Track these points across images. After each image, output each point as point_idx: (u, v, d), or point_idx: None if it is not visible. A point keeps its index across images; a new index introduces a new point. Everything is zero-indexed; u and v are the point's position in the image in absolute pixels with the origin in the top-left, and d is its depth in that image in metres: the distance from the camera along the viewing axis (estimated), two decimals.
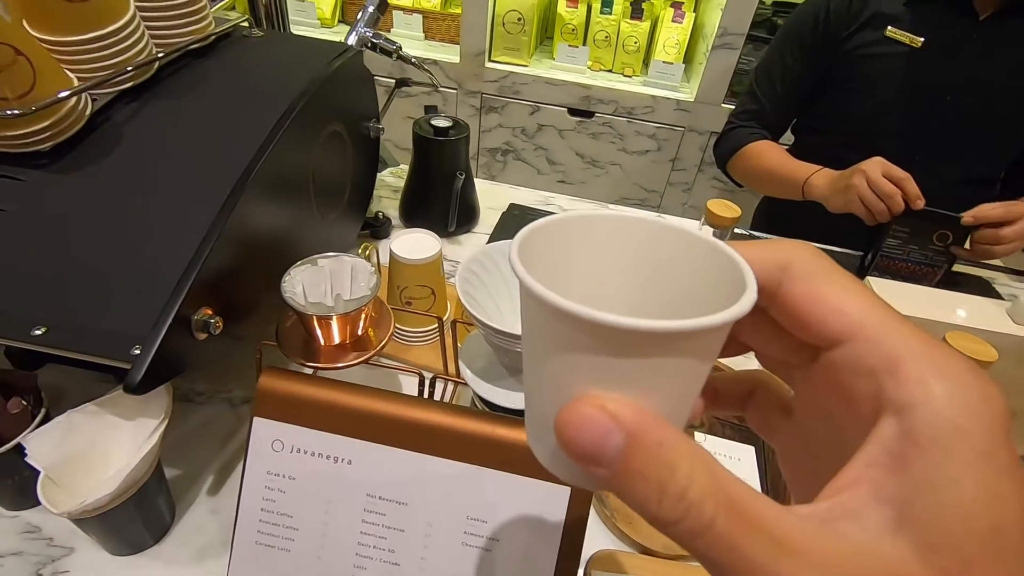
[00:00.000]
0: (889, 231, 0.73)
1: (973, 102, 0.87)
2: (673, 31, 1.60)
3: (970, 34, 0.85)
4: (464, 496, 0.41)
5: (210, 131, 0.48)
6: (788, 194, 0.91)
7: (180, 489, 0.52)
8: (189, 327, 0.40)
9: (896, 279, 0.73)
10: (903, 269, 0.73)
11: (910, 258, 0.73)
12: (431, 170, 0.84)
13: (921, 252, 0.72)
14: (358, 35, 0.68)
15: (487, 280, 0.48)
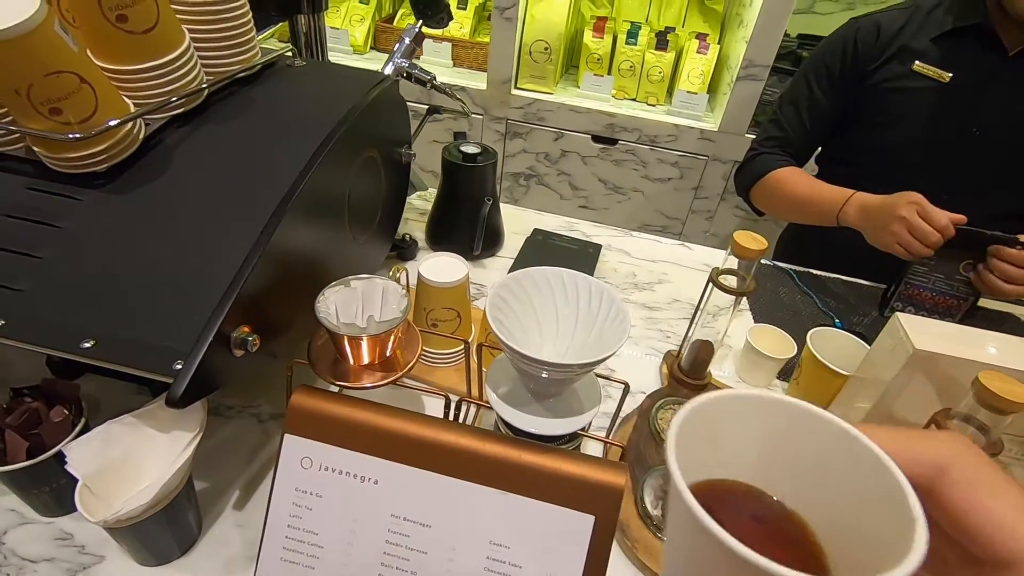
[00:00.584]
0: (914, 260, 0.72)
1: (1002, 137, 0.86)
2: (698, 62, 1.62)
3: (999, 70, 0.85)
4: (488, 520, 0.41)
5: (254, 156, 0.50)
6: (820, 220, 0.90)
7: (207, 502, 0.53)
8: (228, 344, 0.41)
9: (920, 310, 0.72)
10: (928, 300, 0.72)
11: (935, 287, 0.72)
12: (459, 195, 0.86)
13: (947, 282, 0.71)
14: (395, 65, 0.71)
15: (515, 305, 0.49)
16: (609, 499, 0.40)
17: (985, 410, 0.46)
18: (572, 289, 0.50)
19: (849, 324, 0.86)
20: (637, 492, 0.56)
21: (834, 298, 0.92)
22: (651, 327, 0.82)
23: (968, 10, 0.86)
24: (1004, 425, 0.47)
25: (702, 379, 0.70)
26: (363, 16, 1.79)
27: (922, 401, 0.53)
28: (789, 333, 0.72)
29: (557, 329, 0.51)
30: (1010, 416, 0.45)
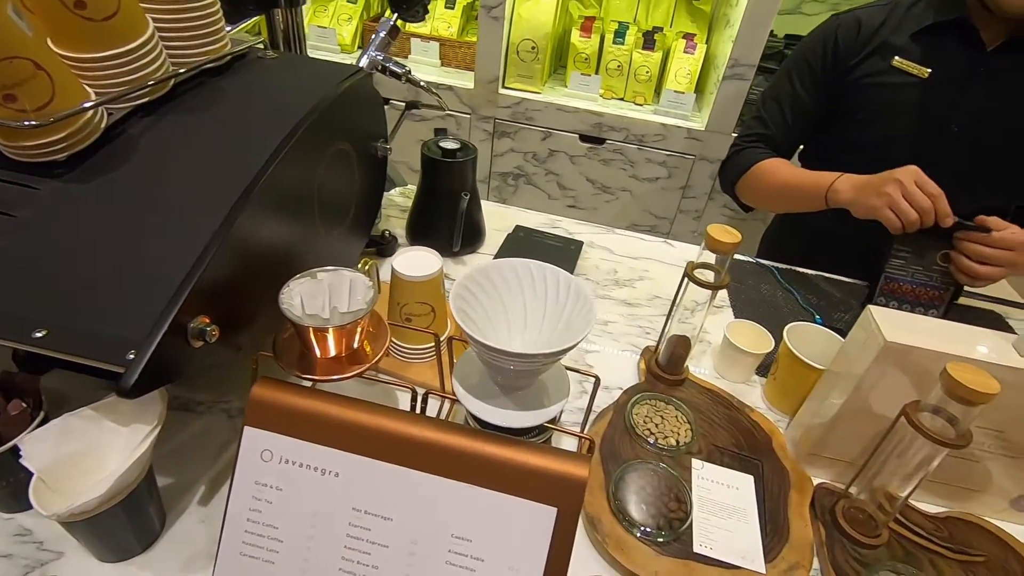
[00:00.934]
0: (891, 251, 0.72)
1: (982, 134, 0.87)
2: (685, 62, 1.62)
3: (978, 66, 0.85)
4: (450, 513, 0.41)
5: (219, 146, 0.50)
6: (808, 205, 0.88)
7: (172, 498, 0.52)
8: (185, 334, 0.41)
9: (903, 303, 0.72)
10: (909, 293, 0.72)
11: (915, 280, 0.71)
12: (438, 191, 0.85)
13: (926, 273, 0.71)
14: (369, 58, 0.70)
15: (483, 298, 0.49)
16: (572, 491, 0.40)
17: (954, 402, 0.46)
18: (540, 281, 0.49)
19: (830, 320, 0.86)
20: (609, 487, 0.56)
21: (815, 294, 0.92)
22: (631, 323, 0.81)
23: (948, 5, 0.86)
24: (973, 416, 0.46)
25: (679, 374, 0.70)
26: (351, 15, 1.78)
27: (895, 393, 0.53)
28: (771, 329, 0.72)
29: (525, 322, 0.50)
30: (978, 407, 0.45)
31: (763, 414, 0.68)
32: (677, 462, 0.60)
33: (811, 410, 0.62)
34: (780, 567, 0.52)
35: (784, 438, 0.65)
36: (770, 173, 0.97)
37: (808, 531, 0.55)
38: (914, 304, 0.71)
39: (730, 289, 0.91)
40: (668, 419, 0.64)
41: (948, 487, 0.60)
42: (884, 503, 0.54)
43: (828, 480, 0.61)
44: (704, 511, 0.55)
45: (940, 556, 0.55)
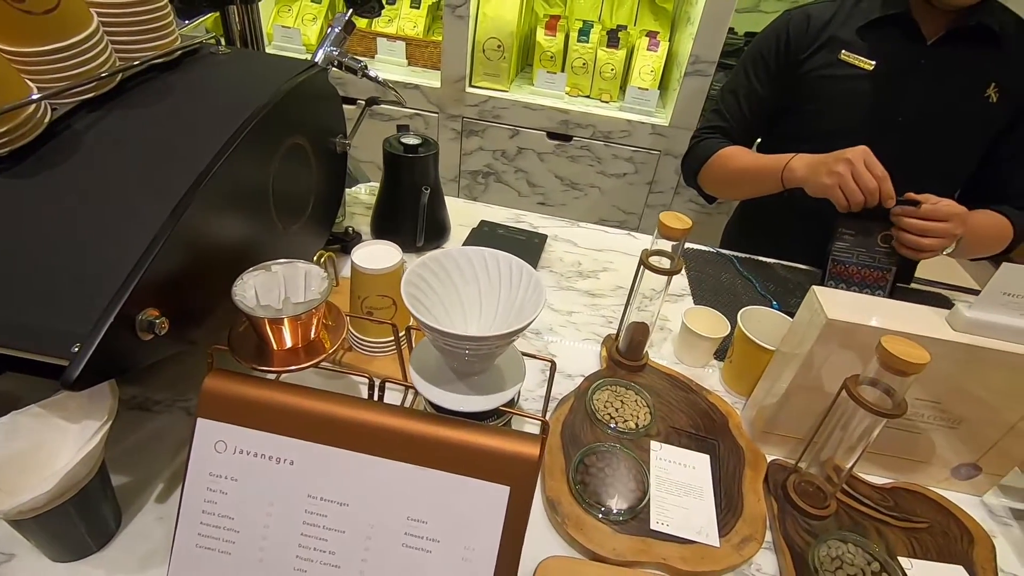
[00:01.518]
0: (837, 234, 0.75)
1: (924, 123, 0.90)
2: (648, 59, 1.65)
3: (919, 59, 0.89)
4: (405, 497, 0.41)
5: (167, 140, 0.49)
6: (766, 188, 0.91)
7: (128, 496, 0.51)
8: (133, 327, 0.40)
9: (851, 286, 0.75)
10: (855, 275, 0.75)
11: (860, 261, 0.74)
12: (401, 186, 0.85)
13: (869, 255, 0.74)
14: (324, 53, 0.70)
15: (437, 287, 0.49)
16: (524, 469, 0.41)
17: (889, 373, 0.48)
18: (494, 268, 0.50)
19: (786, 306, 0.88)
20: (569, 470, 0.57)
21: (773, 281, 0.95)
22: (594, 313, 0.83)
23: (889, 1, 0.90)
24: (907, 386, 0.49)
25: (639, 360, 0.71)
26: (315, 15, 1.77)
27: (839, 369, 0.55)
28: (730, 317, 0.74)
29: (481, 309, 0.51)
30: (911, 377, 0.47)
31: (721, 396, 0.70)
32: (636, 444, 0.61)
33: (764, 390, 0.64)
34: (733, 540, 0.53)
35: (740, 418, 0.67)
36: (729, 159, 0.99)
37: (761, 506, 0.57)
38: (860, 286, 0.74)
39: (691, 278, 0.93)
40: (628, 403, 0.66)
41: (895, 459, 0.62)
42: (832, 475, 0.57)
43: (781, 457, 0.63)
44: (661, 490, 0.57)
45: (886, 524, 0.57)
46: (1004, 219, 0.91)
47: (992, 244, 0.93)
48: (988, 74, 0.88)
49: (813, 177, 0.81)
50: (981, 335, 0.53)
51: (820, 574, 0.51)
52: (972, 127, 0.91)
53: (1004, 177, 0.94)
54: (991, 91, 0.88)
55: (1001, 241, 0.92)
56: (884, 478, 0.63)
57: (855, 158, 0.75)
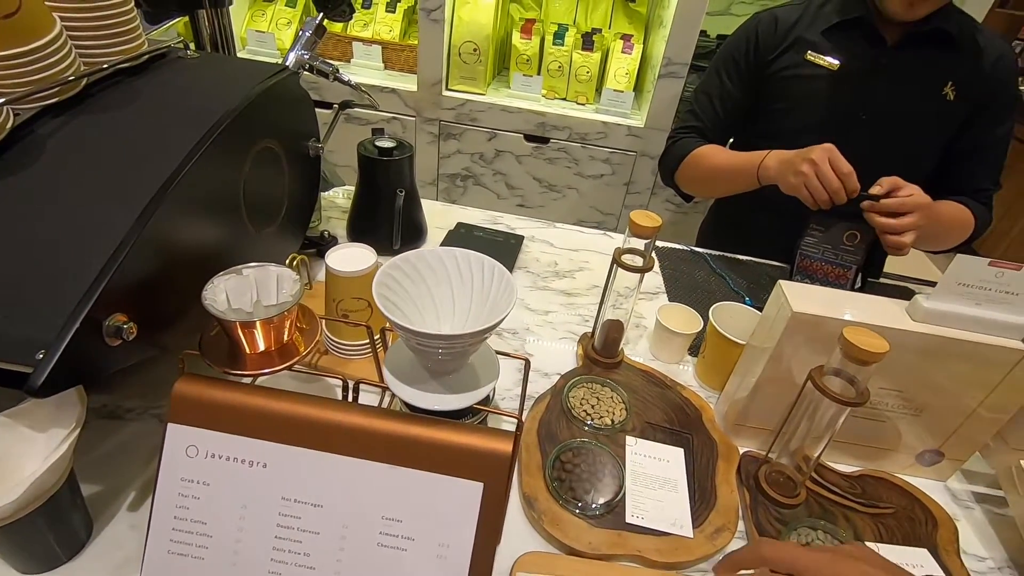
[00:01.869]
0: (807, 230, 0.77)
1: (886, 123, 0.93)
2: (623, 61, 1.67)
3: (880, 60, 0.92)
4: (379, 496, 0.41)
5: (134, 144, 0.49)
6: (743, 185, 0.93)
7: (100, 505, 0.51)
8: (100, 332, 0.40)
9: (815, 281, 0.77)
10: (819, 270, 0.77)
11: (825, 258, 0.76)
12: (376, 190, 0.85)
13: (834, 251, 0.76)
14: (295, 57, 0.70)
15: (409, 288, 0.50)
16: (497, 466, 0.41)
17: (851, 363, 0.49)
18: (466, 268, 0.50)
19: (759, 301, 0.90)
20: (546, 467, 0.57)
21: (745, 278, 0.97)
22: (571, 312, 0.84)
23: (850, 5, 0.93)
24: (868, 375, 0.50)
25: (615, 357, 0.72)
26: (290, 19, 1.76)
27: (805, 361, 0.56)
28: (705, 313, 0.75)
29: (454, 308, 0.51)
30: (872, 366, 0.49)
31: (695, 391, 0.71)
32: (612, 440, 0.62)
33: (736, 383, 0.65)
34: (707, 531, 0.54)
35: (713, 412, 0.68)
36: (706, 158, 1.01)
37: (734, 496, 0.58)
38: (823, 282, 0.76)
39: (666, 276, 0.95)
40: (604, 400, 0.67)
41: (862, 448, 0.64)
42: (801, 464, 0.58)
43: (754, 448, 0.65)
44: (637, 484, 0.58)
45: (853, 511, 0.58)
46: (967, 210, 0.95)
47: (955, 235, 0.96)
48: (946, 74, 0.91)
49: (783, 176, 0.83)
50: (939, 325, 0.55)
51: None
52: (932, 124, 0.94)
53: (963, 171, 0.97)
54: (948, 90, 0.92)
55: (963, 232, 0.96)
56: (852, 466, 0.65)
57: (819, 158, 0.77)
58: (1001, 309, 0.54)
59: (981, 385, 0.57)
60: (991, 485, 0.65)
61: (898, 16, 0.87)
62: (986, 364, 0.56)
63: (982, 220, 0.96)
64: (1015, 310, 0.54)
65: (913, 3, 0.84)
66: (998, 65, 0.91)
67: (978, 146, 0.96)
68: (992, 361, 0.55)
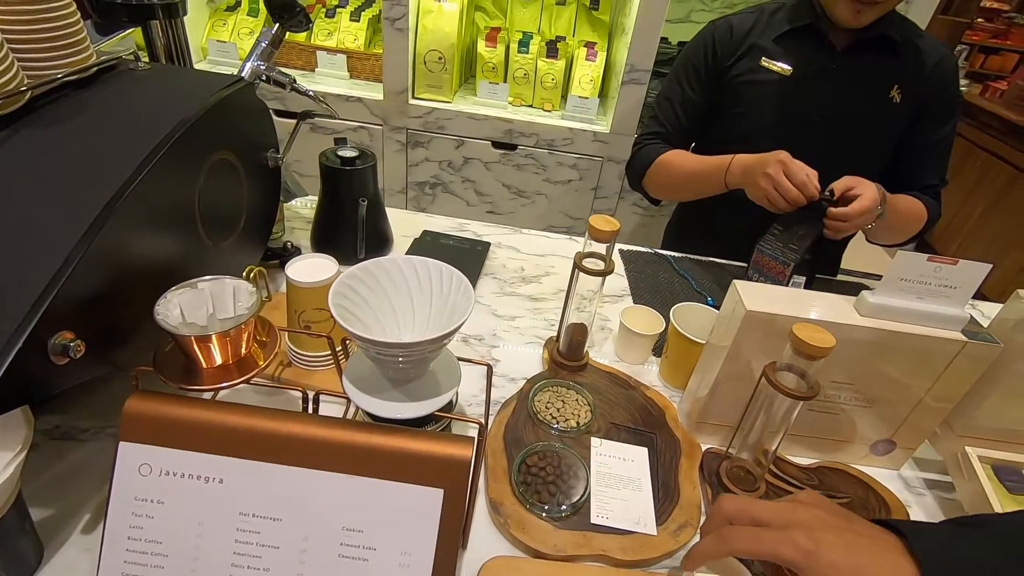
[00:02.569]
0: (769, 228, 0.79)
1: (836, 125, 0.97)
2: (587, 68, 1.70)
3: (830, 65, 0.96)
4: (339, 507, 0.41)
5: (82, 158, 0.48)
6: (712, 190, 0.96)
7: (52, 529, 0.49)
8: (45, 351, 0.39)
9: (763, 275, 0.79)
10: (767, 265, 0.79)
11: (774, 255, 0.79)
12: (339, 199, 0.85)
13: (783, 249, 0.79)
14: (251, 68, 0.70)
15: (368, 297, 0.50)
16: (457, 471, 0.42)
17: (800, 358, 0.51)
18: (424, 274, 0.51)
19: (720, 301, 0.92)
20: (511, 471, 0.58)
21: (708, 278, 0.99)
22: (537, 317, 0.85)
23: (800, 13, 0.96)
24: (817, 369, 0.52)
25: (580, 360, 0.73)
26: (252, 29, 1.74)
27: (760, 357, 0.58)
28: (666, 314, 0.77)
29: (414, 316, 0.52)
30: (820, 361, 0.50)
31: (659, 391, 0.72)
32: (577, 442, 0.63)
33: (697, 381, 0.67)
34: (670, 528, 0.55)
35: (676, 411, 0.69)
36: (673, 164, 1.04)
37: (697, 493, 0.60)
38: (768, 277, 0.79)
39: (630, 279, 0.96)
40: (569, 403, 0.67)
41: (818, 440, 0.66)
42: (760, 458, 0.60)
43: (715, 445, 0.66)
44: (601, 484, 0.58)
45: None
46: (919, 203, 0.99)
47: (911, 227, 1.00)
48: (891, 78, 0.95)
49: (747, 185, 0.86)
50: (884, 319, 0.57)
51: None
52: (880, 125, 0.98)
53: (912, 168, 1.02)
54: (895, 93, 0.96)
55: (917, 223, 1.00)
56: (810, 459, 0.67)
57: (774, 172, 0.80)
58: (941, 302, 0.56)
59: (926, 375, 0.60)
60: (940, 471, 0.68)
61: (846, 23, 0.91)
62: (930, 355, 0.58)
63: (933, 212, 1.00)
64: (953, 303, 0.56)
65: (860, 10, 0.88)
66: (939, 68, 0.96)
67: (924, 144, 1.00)
68: (935, 352, 0.58)
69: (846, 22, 0.90)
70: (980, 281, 0.55)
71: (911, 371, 0.60)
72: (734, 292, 0.59)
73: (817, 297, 0.60)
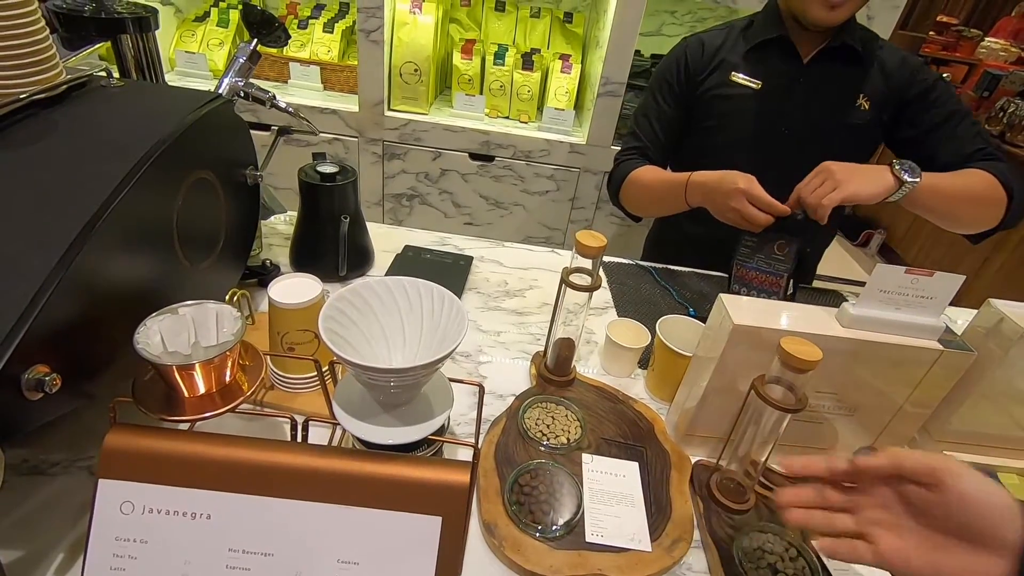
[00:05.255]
0: (742, 241, 0.80)
1: (805, 135, 0.99)
2: (563, 80, 1.72)
3: (798, 76, 0.98)
4: (333, 539, 0.40)
5: (54, 181, 0.46)
6: (676, 207, 0.96)
7: (22, 572, 0.46)
8: (18, 386, 0.37)
9: (751, 290, 0.80)
10: (755, 278, 0.81)
11: (759, 267, 0.80)
12: (319, 216, 0.84)
13: (766, 260, 0.80)
14: (229, 84, 0.68)
15: (357, 319, 0.49)
16: (455, 497, 0.41)
17: (789, 371, 0.52)
18: (415, 296, 0.50)
19: (702, 312, 0.93)
20: (504, 491, 0.57)
21: (688, 289, 1.00)
22: (522, 332, 0.84)
23: (768, 26, 0.99)
24: (805, 382, 0.53)
25: (567, 375, 0.73)
26: (222, 40, 1.71)
27: (748, 370, 0.59)
28: (652, 327, 0.77)
29: (404, 339, 0.51)
30: (807, 373, 0.51)
31: (646, 404, 0.72)
32: (568, 459, 0.62)
33: (684, 394, 0.67)
34: (664, 543, 0.55)
35: (664, 423, 0.70)
36: (639, 181, 1.05)
37: (688, 506, 0.60)
38: (759, 290, 0.80)
39: (613, 291, 0.97)
40: (559, 419, 0.67)
41: (803, 449, 0.67)
42: (749, 469, 0.60)
43: (704, 456, 0.67)
44: (594, 502, 0.58)
45: None
46: (980, 172, 0.88)
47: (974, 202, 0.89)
48: (856, 86, 0.98)
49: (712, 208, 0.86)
50: (865, 329, 0.58)
51: (744, 565, 0.54)
52: (849, 134, 1.01)
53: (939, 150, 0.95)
54: (862, 100, 0.98)
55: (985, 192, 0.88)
56: None
57: (739, 205, 0.79)
58: (918, 312, 0.58)
59: (905, 383, 0.61)
60: None
61: (820, 22, 0.91)
62: (908, 363, 0.60)
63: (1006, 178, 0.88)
64: (930, 313, 0.58)
65: (834, 6, 0.89)
66: (904, 65, 0.96)
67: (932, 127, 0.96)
68: (913, 360, 0.59)
69: (820, 21, 0.90)
70: (955, 292, 0.57)
71: (891, 379, 0.61)
72: (720, 306, 0.60)
73: (799, 309, 0.61)
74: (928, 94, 0.96)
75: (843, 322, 0.59)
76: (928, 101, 0.97)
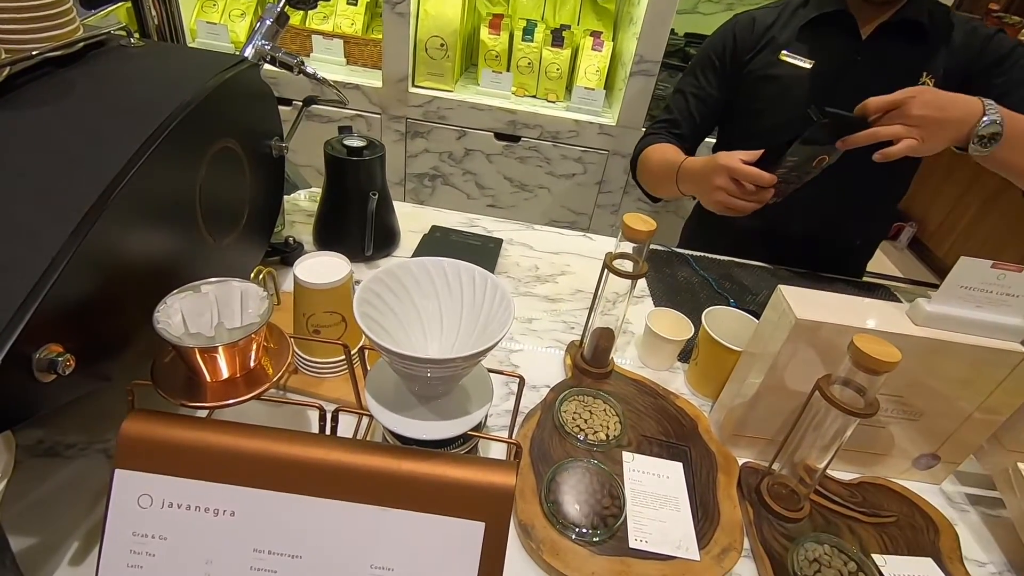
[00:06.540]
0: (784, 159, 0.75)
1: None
2: (593, 59, 1.65)
3: (853, 55, 0.92)
4: (367, 542, 0.37)
5: (69, 145, 0.43)
6: (672, 191, 0.94)
7: (36, 560, 0.44)
8: (29, 367, 0.34)
9: None
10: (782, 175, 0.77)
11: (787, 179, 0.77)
12: (346, 192, 0.80)
13: (796, 174, 0.76)
14: (255, 48, 0.64)
15: (392, 302, 0.45)
16: (499, 502, 0.37)
17: (861, 372, 0.47)
18: (455, 280, 0.46)
19: (742, 303, 0.88)
20: (541, 490, 0.54)
21: (729, 280, 0.95)
22: (555, 319, 0.80)
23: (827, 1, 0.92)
24: (878, 385, 0.48)
25: (605, 367, 0.69)
26: (244, 10, 1.66)
27: (807, 369, 0.54)
28: (689, 316, 0.73)
29: (442, 325, 0.47)
30: (883, 375, 0.47)
31: (688, 399, 0.68)
32: (608, 456, 0.59)
33: (732, 392, 0.63)
34: (713, 552, 0.52)
35: (708, 421, 0.66)
36: (647, 159, 1.01)
37: (737, 512, 0.56)
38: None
39: (648, 278, 0.92)
40: (597, 413, 0.63)
41: (858, 454, 0.63)
42: (804, 476, 0.56)
43: (752, 459, 0.62)
44: (637, 504, 0.54)
45: (856, 521, 0.57)
46: None
47: None
48: (920, 64, 0.91)
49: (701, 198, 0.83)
50: (940, 328, 0.53)
51: None
52: None
53: None
54: (926, 79, 0.91)
55: None
56: (848, 473, 0.63)
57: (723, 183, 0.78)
58: (1001, 311, 0.53)
59: (978, 388, 0.56)
60: (983, 486, 0.65)
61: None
62: (985, 367, 0.55)
63: None
64: (1015, 312, 0.53)
65: None
66: (974, 35, 0.89)
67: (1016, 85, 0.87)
68: (991, 363, 0.54)
69: None
70: None
71: (962, 383, 0.56)
72: (780, 299, 0.55)
73: (865, 304, 0.56)
74: (1003, 61, 0.88)
75: (917, 320, 0.54)
76: (1004, 67, 0.88)
